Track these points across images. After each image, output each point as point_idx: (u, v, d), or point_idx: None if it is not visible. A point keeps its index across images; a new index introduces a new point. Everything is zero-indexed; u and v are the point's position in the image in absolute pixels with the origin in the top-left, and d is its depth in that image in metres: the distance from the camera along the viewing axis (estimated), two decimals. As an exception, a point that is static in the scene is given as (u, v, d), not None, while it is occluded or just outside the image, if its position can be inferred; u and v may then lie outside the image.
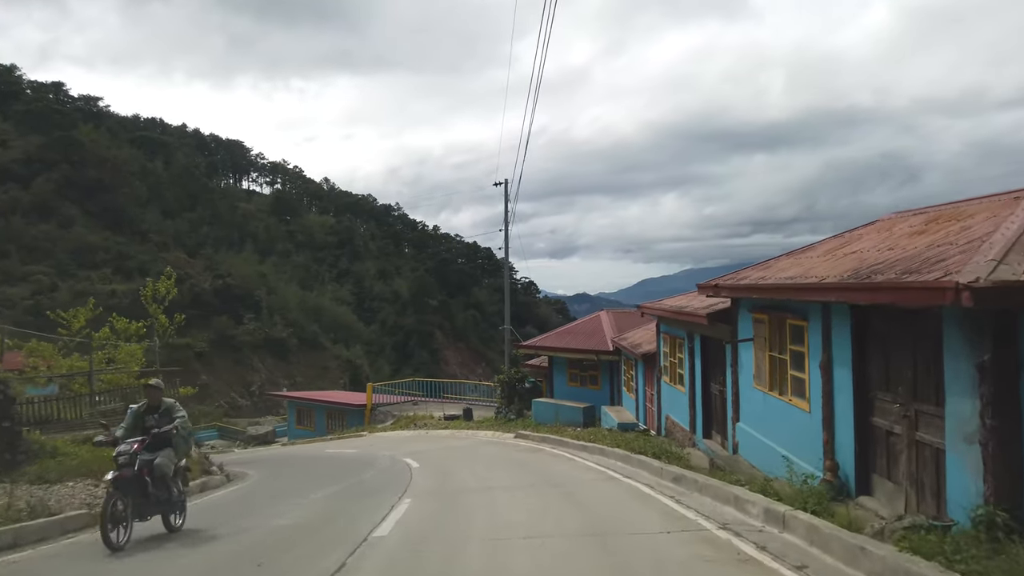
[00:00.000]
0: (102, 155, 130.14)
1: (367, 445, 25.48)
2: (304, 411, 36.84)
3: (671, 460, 12.94)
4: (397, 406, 34.05)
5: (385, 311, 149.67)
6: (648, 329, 22.72)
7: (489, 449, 20.48)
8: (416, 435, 27.41)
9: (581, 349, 25.20)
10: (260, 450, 33.31)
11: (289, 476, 19.81)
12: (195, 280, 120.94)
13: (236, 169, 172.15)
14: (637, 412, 21.22)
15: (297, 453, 26.66)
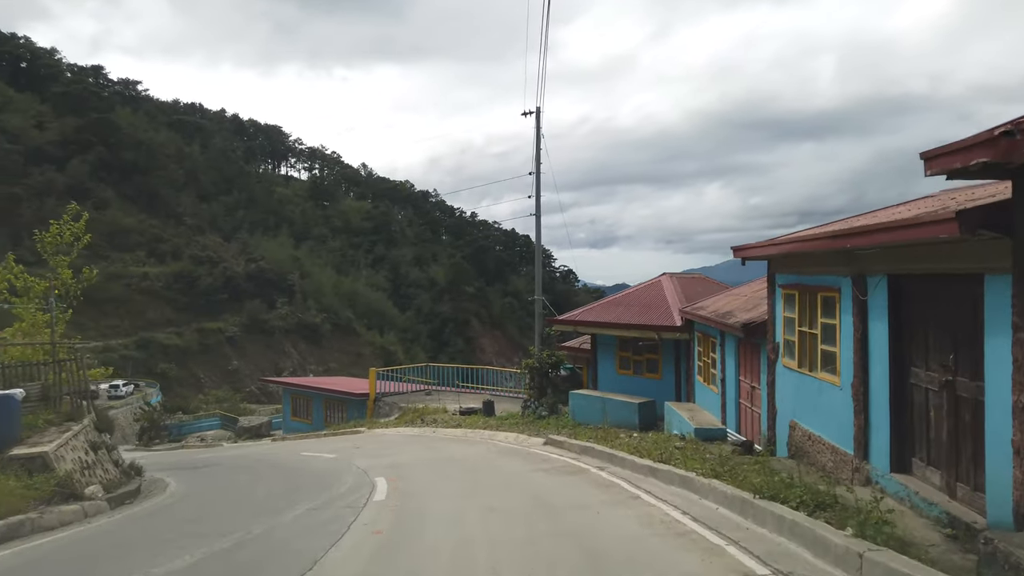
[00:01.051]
0: (138, 138, 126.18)
1: (352, 447, 18.87)
2: (300, 400, 30.49)
3: (876, 537, 5.90)
4: (406, 396, 27.32)
5: (421, 298, 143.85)
6: (736, 295, 15.55)
7: (506, 464, 13.62)
8: (419, 435, 20.70)
9: (636, 324, 18.15)
10: (229, 448, 27.04)
11: (211, 498, 13.33)
12: (228, 264, 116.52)
13: (274, 154, 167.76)
14: (724, 412, 14.15)
15: (263, 456, 20.21)
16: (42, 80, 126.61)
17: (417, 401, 26.89)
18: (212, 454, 24.57)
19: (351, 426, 26.07)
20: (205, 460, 21.08)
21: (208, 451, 26.76)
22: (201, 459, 21.64)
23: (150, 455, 29.55)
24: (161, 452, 29.12)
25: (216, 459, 21.38)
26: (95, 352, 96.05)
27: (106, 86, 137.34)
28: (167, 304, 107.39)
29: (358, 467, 14.21)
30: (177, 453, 27.38)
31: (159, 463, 22.48)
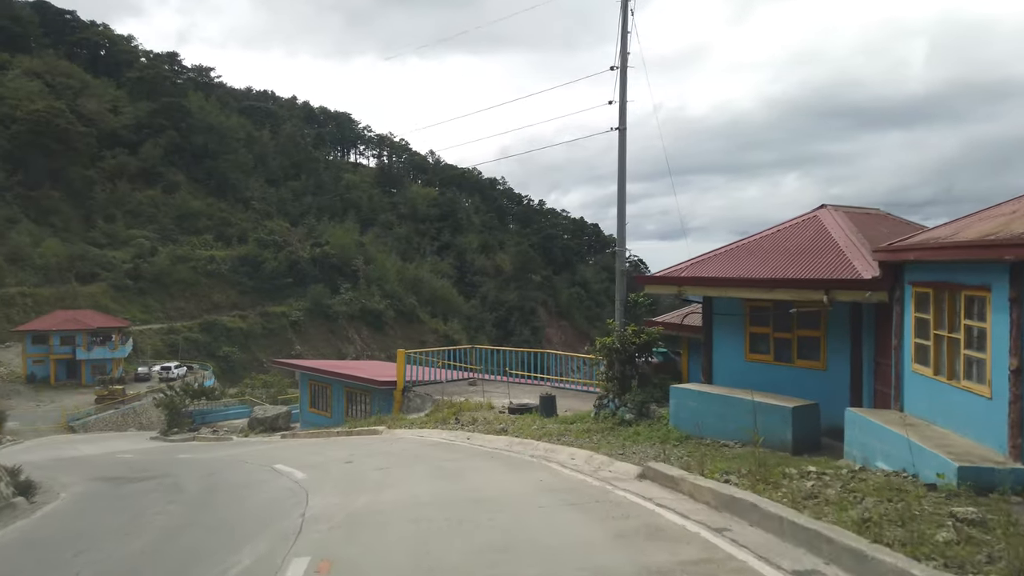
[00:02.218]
0: (209, 122, 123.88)
1: (341, 462, 12.41)
2: (319, 388, 24.28)
3: None
4: (444, 386, 20.56)
5: (486, 286, 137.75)
6: (998, 214, 8.10)
7: (571, 533, 6.67)
8: (446, 443, 14.06)
9: (787, 280, 10.90)
10: (224, 446, 21.01)
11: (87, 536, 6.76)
12: (293, 248, 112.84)
13: (343, 142, 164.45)
14: (1013, 433, 6.87)
15: (231, 465, 14.01)
16: (119, 66, 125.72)
17: (457, 393, 20.17)
18: (189, 455, 18.48)
19: (372, 422, 19.55)
20: (152, 468, 14.90)
21: (194, 450, 20.75)
22: (153, 466, 15.49)
23: (127, 450, 23.82)
24: (149, 446, 23.33)
25: (172, 467, 15.17)
26: (159, 333, 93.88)
27: (180, 73, 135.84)
28: (232, 287, 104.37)
29: (296, 519, 7.52)
30: (153, 452, 21.47)
31: (98, 468, 16.41)
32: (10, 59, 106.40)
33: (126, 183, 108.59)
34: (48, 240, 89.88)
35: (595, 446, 11.37)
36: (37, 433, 49.49)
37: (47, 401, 57.88)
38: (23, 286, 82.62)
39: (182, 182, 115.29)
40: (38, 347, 62.49)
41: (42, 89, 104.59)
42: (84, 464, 20.08)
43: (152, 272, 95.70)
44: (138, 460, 19.38)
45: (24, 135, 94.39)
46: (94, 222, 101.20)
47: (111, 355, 64.02)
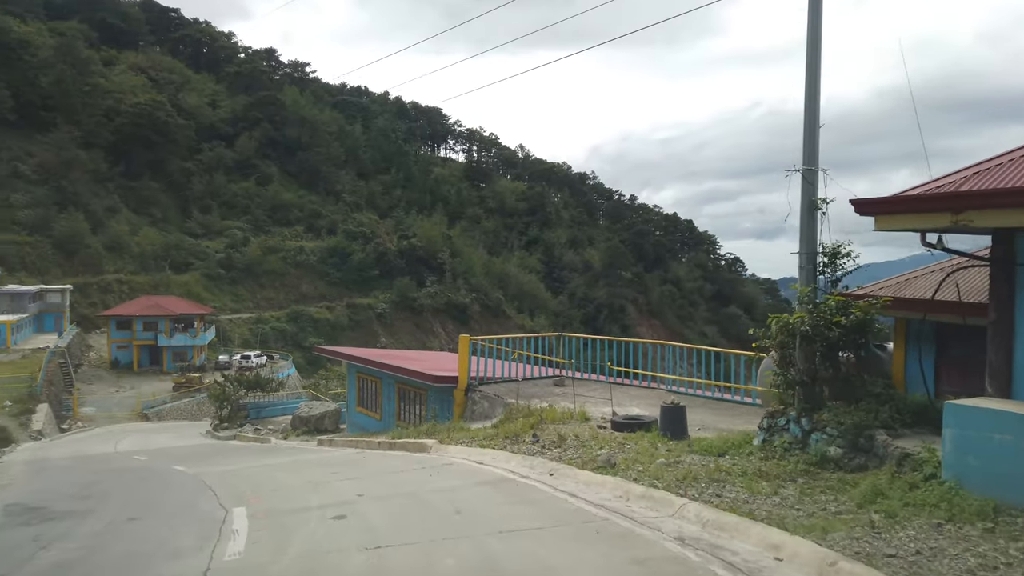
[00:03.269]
0: (303, 116, 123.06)
1: (335, 511, 6.94)
2: (367, 383, 19.26)
3: None
4: (521, 385, 14.90)
5: (575, 282, 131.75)
6: None
7: None
8: (513, 487, 8.59)
9: None
10: (247, 454, 16.08)
11: None
12: (381, 240, 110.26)
13: (433, 136, 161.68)
14: None
15: (197, 488, 8.92)
16: (219, 62, 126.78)
17: (538, 395, 14.57)
18: (192, 467, 13.60)
19: (423, 432, 14.12)
20: (104, 488, 10.01)
21: (213, 456, 16.00)
22: (116, 483, 10.63)
23: (151, 450, 19.43)
24: (181, 445, 18.94)
25: (129, 490, 10.25)
26: (248, 322, 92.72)
27: (277, 68, 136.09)
28: (320, 278, 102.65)
29: None
30: (172, 454, 16.88)
31: (56, 483, 11.73)
32: (117, 55, 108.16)
33: (222, 175, 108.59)
34: (146, 229, 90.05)
35: (814, 525, 5.49)
36: (111, 419, 47.28)
37: (127, 387, 56.03)
38: (120, 273, 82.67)
39: (275, 174, 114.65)
40: (122, 332, 61.02)
41: (145, 84, 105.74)
42: (66, 471, 15.71)
43: (243, 262, 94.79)
44: (129, 468, 14.78)
45: (127, 128, 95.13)
46: (190, 212, 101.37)
47: (192, 342, 61.91)
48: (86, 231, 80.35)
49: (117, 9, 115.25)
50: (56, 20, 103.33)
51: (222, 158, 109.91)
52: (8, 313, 58.24)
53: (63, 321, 65.11)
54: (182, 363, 59.95)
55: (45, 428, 35.93)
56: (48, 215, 78.02)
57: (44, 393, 42.12)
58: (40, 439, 33.75)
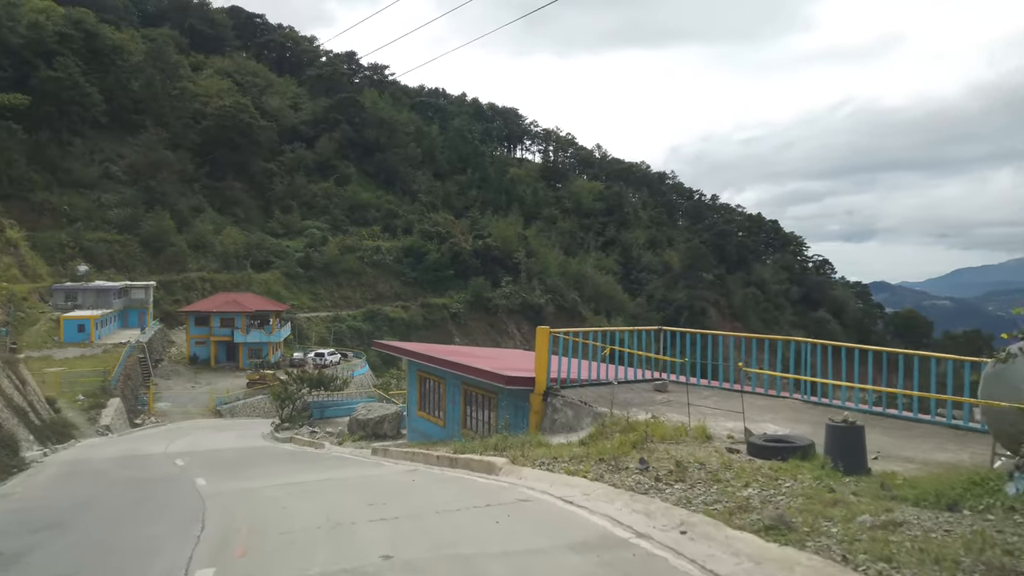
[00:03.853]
0: (381, 117, 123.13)
1: (358, 566, 4.00)
2: (429, 384, 16.59)
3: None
4: (614, 390, 11.74)
5: (653, 283, 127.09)
6: None
7: None
8: (629, 554, 5.16)
9: None
10: (276, 466, 13.58)
11: None
12: (456, 240, 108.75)
13: (510, 137, 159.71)
14: None
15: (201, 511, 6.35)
16: (301, 66, 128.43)
17: (636, 402, 11.53)
18: (214, 483, 11.17)
19: (491, 445, 11.20)
20: (85, 509, 7.54)
21: (249, 467, 13.61)
22: (108, 503, 8.19)
23: (196, 451, 17.28)
24: (233, 446, 16.77)
25: (111, 512, 7.78)
26: (325, 321, 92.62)
27: (357, 71, 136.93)
28: (396, 278, 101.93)
29: None
30: (205, 460, 14.61)
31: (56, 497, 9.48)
32: (205, 59, 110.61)
33: (302, 175, 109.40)
34: (229, 228, 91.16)
35: None
36: (185, 415, 46.74)
37: (203, 383, 55.72)
38: (203, 271, 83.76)
39: (353, 175, 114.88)
40: (200, 328, 61.03)
41: (231, 87, 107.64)
42: (88, 478, 13.69)
43: (321, 261, 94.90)
44: (149, 480, 12.54)
45: (212, 130, 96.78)
46: (272, 212, 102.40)
47: (267, 339, 61.31)
48: (172, 230, 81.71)
49: (205, 15, 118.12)
50: (148, 27, 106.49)
51: (303, 159, 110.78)
52: (94, 308, 59.02)
53: (146, 317, 65.81)
54: (257, 360, 59.39)
55: (114, 423, 35.10)
56: (137, 214, 79.66)
57: (119, 388, 41.68)
58: (106, 434, 32.84)
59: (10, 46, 78.23)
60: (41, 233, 71.87)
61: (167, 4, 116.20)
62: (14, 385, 23.25)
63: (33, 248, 68.91)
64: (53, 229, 73.84)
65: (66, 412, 35.09)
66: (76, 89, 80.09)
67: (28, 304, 58.16)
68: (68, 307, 58.60)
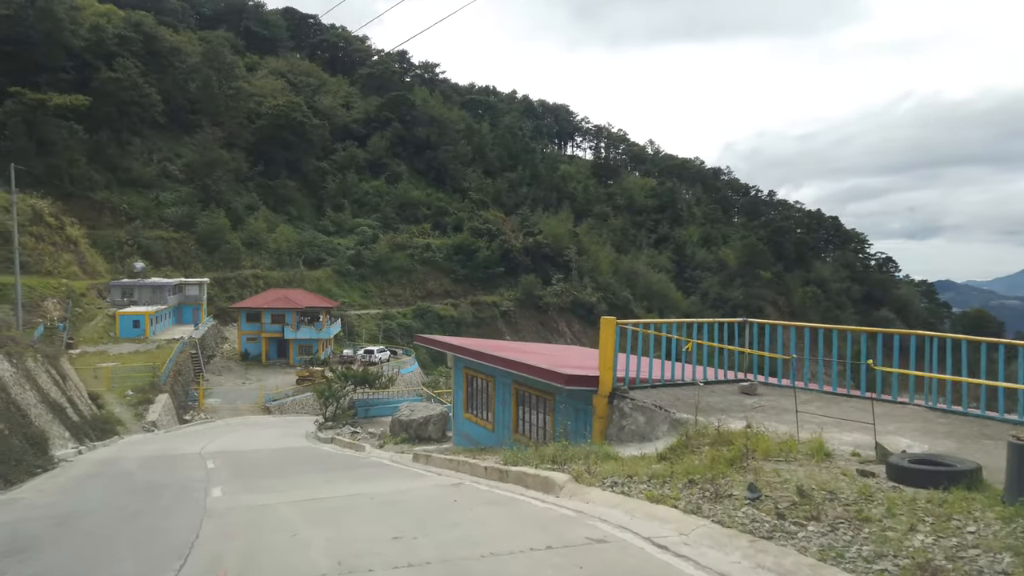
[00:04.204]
0: (432, 115, 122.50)
1: None
2: (477, 383, 14.88)
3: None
4: (694, 391, 9.79)
5: (708, 281, 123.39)
6: None
7: None
8: None
9: None
10: (304, 478, 11.94)
11: None
12: (506, 237, 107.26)
13: (560, 134, 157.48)
14: None
15: None
16: (353, 65, 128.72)
17: (720, 407, 9.57)
18: (225, 499, 9.65)
19: (549, 457, 9.39)
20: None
21: (278, 472, 12.10)
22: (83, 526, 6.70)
23: (230, 452, 15.88)
24: (276, 447, 15.41)
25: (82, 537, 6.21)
26: (375, 318, 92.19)
27: (408, 70, 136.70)
28: (446, 275, 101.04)
29: None
30: (232, 462, 13.22)
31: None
32: (259, 60, 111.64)
33: (354, 174, 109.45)
34: (282, 226, 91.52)
35: None
36: (234, 411, 46.25)
37: (254, 379, 55.35)
38: (257, 268, 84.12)
39: (404, 172, 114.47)
40: (252, 325, 60.83)
41: (284, 87, 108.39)
42: (108, 480, 12.50)
43: (372, 259, 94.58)
44: (165, 486, 11.15)
45: (266, 129, 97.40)
46: (324, 210, 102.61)
47: (317, 335, 60.73)
48: (227, 228, 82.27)
49: (260, 17, 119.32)
50: (205, 29, 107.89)
51: (354, 157, 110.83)
52: (149, 304, 59.36)
53: (200, 313, 66.06)
54: (307, 356, 58.86)
55: (161, 419, 34.51)
56: (193, 212, 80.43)
57: (168, 384, 41.29)
58: (152, 431, 32.21)
59: (72, 49, 79.83)
60: (101, 231, 73.04)
61: (223, 6, 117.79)
62: (53, 380, 22.43)
63: (93, 245, 70.02)
64: (112, 227, 75.02)
65: (114, 408, 34.72)
66: (135, 90, 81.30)
67: (86, 300, 58.82)
68: (124, 303, 59.06)
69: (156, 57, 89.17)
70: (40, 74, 75.70)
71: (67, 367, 25.95)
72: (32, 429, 17.48)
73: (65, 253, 62.72)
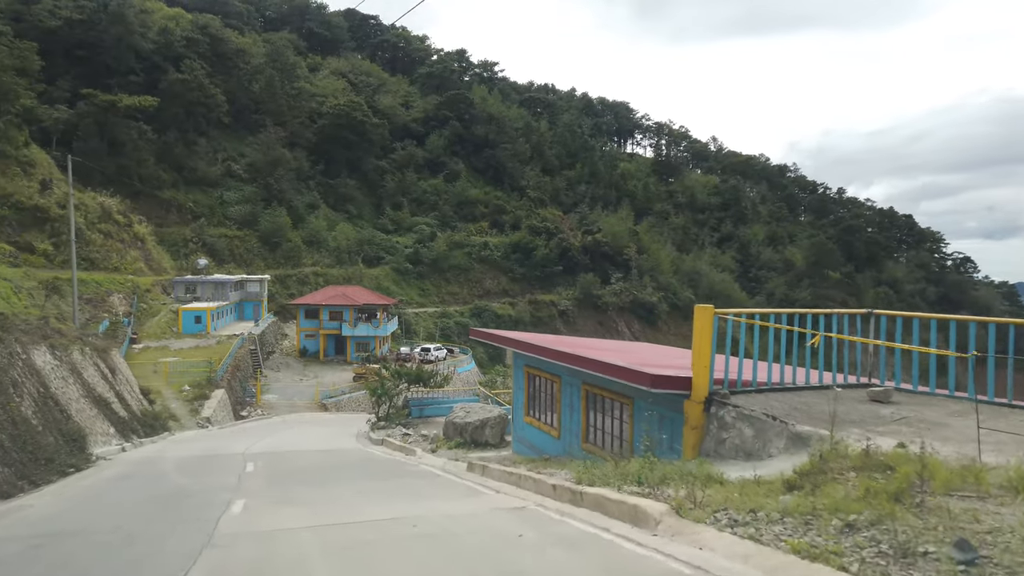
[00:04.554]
0: (490, 113, 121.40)
1: None
2: (540, 383, 13.05)
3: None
4: (808, 397, 7.72)
5: (774, 281, 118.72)
6: None
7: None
8: None
9: None
10: (358, 488, 10.29)
11: None
12: (565, 235, 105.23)
13: (620, 132, 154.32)
14: None
15: None
16: (412, 64, 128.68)
17: (851, 418, 7.43)
18: (266, 512, 8.12)
19: (634, 474, 7.47)
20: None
21: (316, 480, 10.59)
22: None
23: (272, 453, 14.47)
24: (328, 448, 14.01)
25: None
26: (432, 316, 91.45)
27: (467, 69, 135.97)
28: (503, 274, 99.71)
29: None
30: (269, 467, 11.76)
31: None
32: (321, 60, 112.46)
33: (412, 172, 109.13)
34: (341, 224, 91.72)
35: None
36: (292, 408, 45.64)
37: (311, 376, 54.84)
38: (317, 266, 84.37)
39: (462, 171, 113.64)
40: (310, 321, 60.50)
41: (345, 87, 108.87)
42: (133, 486, 11.22)
43: (430, 257, 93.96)
44: (183, 495, 9.73)
45: (327, 128, 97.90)
46: (383, 209, 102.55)
47: (374, 332, 59.97)
48: (288, 226, 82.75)
49: (323, 19, 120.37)
50: (269, 31, 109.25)
51: (413, 156, 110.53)
52: (211, 301, 59.68)
53: (261, 309, 66.26)
54: (364, 353, 58.14)
55: (215, 415, 33.90)
56: (255, 211, 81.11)
57: (225, 379, 40.86)
58: (205, 426, 31.55)
59: (142, 51, 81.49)
60: (167, 229, 74.21)
61: (287, 9, 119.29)
62: (101, 374, 21.61)
63: (160, 243, 71.12)
64: (179, 225, 76.19)
65: (170, 403, 34.30)
66: (201, 91, 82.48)
67: (151, 296, 59.47)
68: (187, 299, 59.52)
69: (222, 59, 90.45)
70: (111, 76, 77.46)
71: (118, 360, 25.27)
72: (70, 425, 16.50)
73: (132, 250, 63.66)
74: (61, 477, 13.74)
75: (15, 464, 12.62)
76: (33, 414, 14.87)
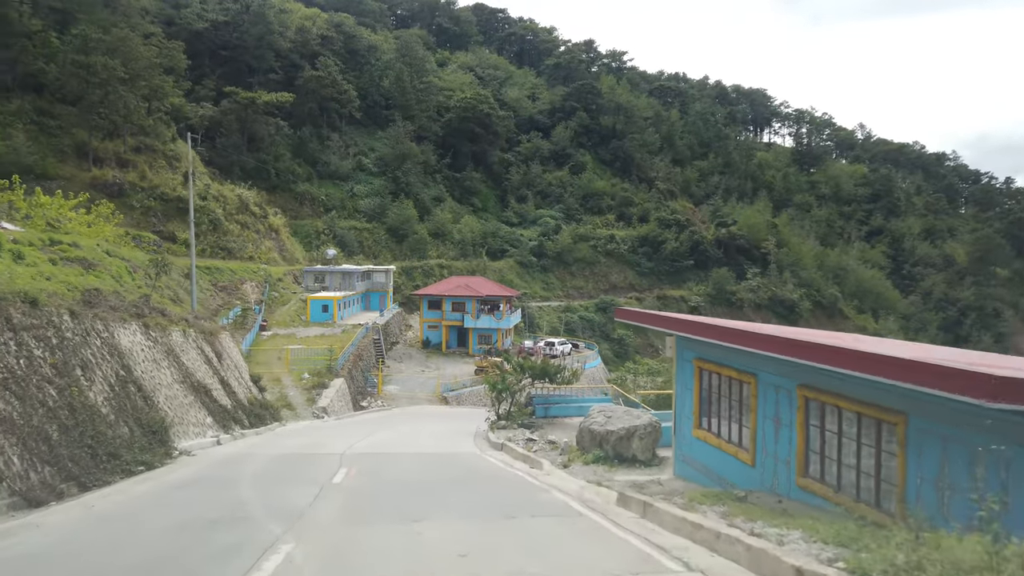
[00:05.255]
0: (618, 103, 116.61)
1: None
2: (719, 383, 9.24)
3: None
4: None
5: (931, 279, 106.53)
6: None
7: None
8: None
9: None
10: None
11: None
12: (696, 228, 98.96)
13: (756, 120, 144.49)
14: None
15: None
16: (540, 56, 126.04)
17: None
18: (345, 552, 4.89)
19: (961, 565, 3.42)
20: None
21: (416, 503, 7.40)
22: None
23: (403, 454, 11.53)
24: (447, 452, 11.04)
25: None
26: (556, 310, 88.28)
27: (595, 59, 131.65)
28: (630, 268, 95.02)
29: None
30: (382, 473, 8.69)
31: None
32: (450, 55, 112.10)
33: (537, 165, 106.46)
34: (466, 217, 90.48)
35: None
36: (412, 400, 43.82)
37: (433, 367, 53.08)
38: (442, 258, 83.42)
39: (588, 163, 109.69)
40: (433, 312, 58.88)
41: (472, 80, 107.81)
42: (208, 496, 8.48)
43: (554, 250, 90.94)
44: (252, 505, 6.78)
45: (454, 122, 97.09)
46: (507, 202, 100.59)
47: (497, 325, 57.45)
48: (414, 218, 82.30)
49: (452, 14, 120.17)
50: (400, 28, 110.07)
51: (538, 148, 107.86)
52: (339, 290, 59.38)
53: (386, 300, 65.54)
54: (486, 346, 55.76)
55: (332, 404, 32.18)
56: (384, 203, 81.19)
57: (345, 368, 39.44)
58: (321, 416, 29.77)
59: (280, 50, 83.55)
60: (301, 220, 75.45)
61: (417, 5, 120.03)
62: (205, 357, 19.74)
63: (293, 234, 72.31)
64: (311, 217, 77.36)
65: (288, 390, 33.03)
66: (335, 87, 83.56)
67: (282, 285, 60.01)
68: (316, 289, 59.52)
69: (354, 56, 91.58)
70: (252, 75, 79.83)
71: (227, 345, 23.58)
72: (152, 414, 14.31)
73: (267, 240, 64.75)
74: (124, 477, 11.40)
75: (61, 462, 10.28)
76: (104, 400, 12.70)
